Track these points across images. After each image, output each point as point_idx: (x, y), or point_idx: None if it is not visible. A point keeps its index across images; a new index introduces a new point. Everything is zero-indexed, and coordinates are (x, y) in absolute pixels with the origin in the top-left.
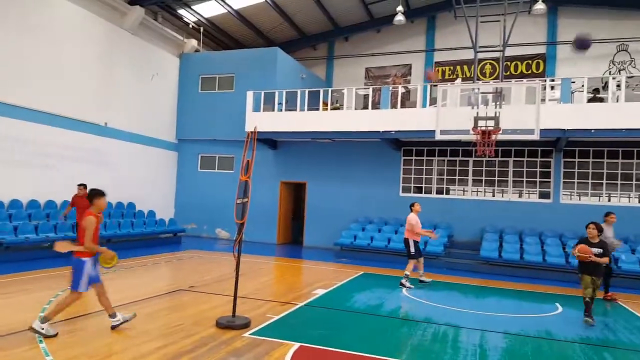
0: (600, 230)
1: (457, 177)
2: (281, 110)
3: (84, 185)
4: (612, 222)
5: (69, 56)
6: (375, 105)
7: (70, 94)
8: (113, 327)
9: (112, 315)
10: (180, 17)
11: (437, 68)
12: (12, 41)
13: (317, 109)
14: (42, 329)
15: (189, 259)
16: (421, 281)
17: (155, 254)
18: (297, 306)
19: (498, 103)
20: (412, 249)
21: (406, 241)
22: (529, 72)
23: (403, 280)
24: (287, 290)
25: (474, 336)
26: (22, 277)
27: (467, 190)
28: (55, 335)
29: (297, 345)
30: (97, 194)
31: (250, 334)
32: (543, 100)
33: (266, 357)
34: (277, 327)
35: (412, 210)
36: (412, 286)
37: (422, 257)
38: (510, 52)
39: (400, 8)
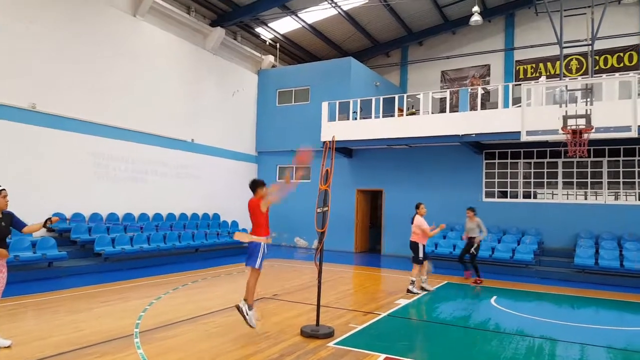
0: None
1: (545, 180)
2: (356, 118)
3: None
4: None
5: (158, 78)
6: (453, 109)
7: (160, 113)
8: (238, 308)
9: (249, 307)
10: (257, 35)
11: (518, 66)
12: (108, 68)
13: (393, 116)
14: (247, 314)
15: (270, 268)
16: (422, 288)
17: (239, 263)
18: (380, 316)
19: (588, 100)
20: (421, 254)
21: (415, 245)
22: (621, 65)
23: (410, 287)
24: (369, 300)
25: (573, 350)
26: (120, 286)
27: (556, 194)
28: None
29: (382, 356)
30: (259, 184)
31: (334, 344)
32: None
33: None
34: (361, 337)
35: (417, 213)
36: (420, 292)
37: (428, 260)
38: (598, 45)
39: (476, 8)
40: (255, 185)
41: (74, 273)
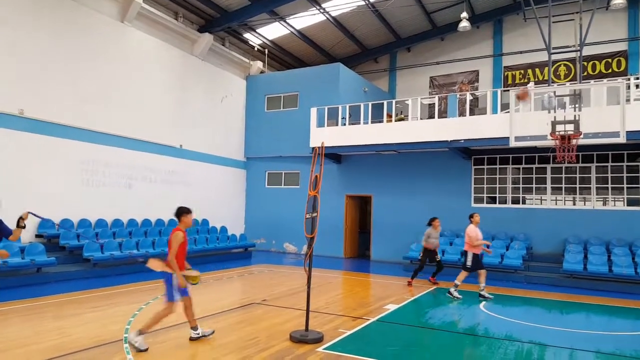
0: None
1: (534, 186)
2: (345, 124)
3: None
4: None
5: (146, 84)
6: (442, 114)
7: (148, 119)
8: (191, 339)
9: (194, 328)
10: (246, 41)
11: (507, 72)
12: (96, 74)
13: (381, 122)
14: (136, 342)
15: (260, 273)
16: (481, 296)
17: (228, 269)
18: (369, 321)
19: (577, 106)
20: (469, 262)
21: (465, 253)
22: (609, 71)
23: (452, 290)
24: (358, 305)
25: (562, 355)
26: (109, 292)
27: (545, 199)
28: (146, 350)
29: None
30: (184, 211)
31: (324, 349)
32: (628, 100)
33: None
34: (350, 342)
35: (471, 222)
36: (460, 296)
37: (484, 269)
38: (586, 51)
39: (464, 14)
40: (180, 213)
41: (63, 279)
